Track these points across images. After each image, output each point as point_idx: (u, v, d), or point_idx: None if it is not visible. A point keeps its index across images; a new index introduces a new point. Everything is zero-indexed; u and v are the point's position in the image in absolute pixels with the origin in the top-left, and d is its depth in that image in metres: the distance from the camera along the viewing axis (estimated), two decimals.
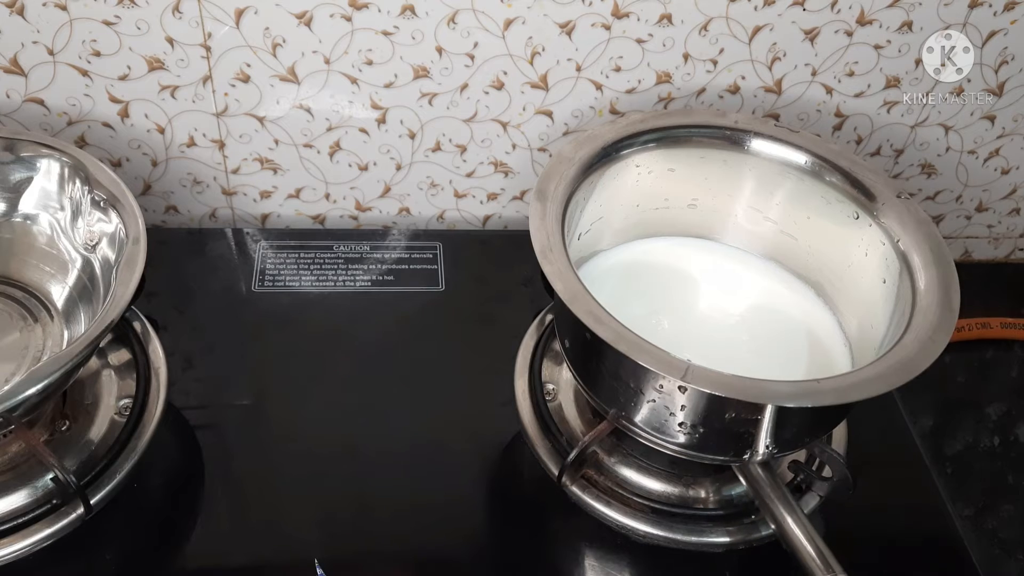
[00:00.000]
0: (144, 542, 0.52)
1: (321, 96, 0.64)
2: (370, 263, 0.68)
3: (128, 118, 0.64)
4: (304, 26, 0.60)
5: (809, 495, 0.53)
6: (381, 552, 0.53)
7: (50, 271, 0.56)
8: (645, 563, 0.54)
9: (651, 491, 0.54)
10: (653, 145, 0.57)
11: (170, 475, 0.55)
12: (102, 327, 0.45)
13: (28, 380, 0.43)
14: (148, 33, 0.59)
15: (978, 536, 0.58)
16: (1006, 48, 0.65)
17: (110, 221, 0.52)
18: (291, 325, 0.64)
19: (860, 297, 0.55)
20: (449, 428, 0.59)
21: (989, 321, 0.71)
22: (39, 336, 0.55)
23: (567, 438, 0.55)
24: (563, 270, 0.46)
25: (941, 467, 0.62)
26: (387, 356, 0.62)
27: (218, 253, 0.68)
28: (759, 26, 0.62)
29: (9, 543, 0.47)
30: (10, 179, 0.54)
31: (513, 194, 0.72)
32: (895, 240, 0.52)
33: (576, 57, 0.63)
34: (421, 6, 0.59)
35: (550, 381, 0.58)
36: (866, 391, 0.43)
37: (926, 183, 0.75)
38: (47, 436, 0.52)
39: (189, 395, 0.58)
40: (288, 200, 0.71)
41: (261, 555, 0.52)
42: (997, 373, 0.71)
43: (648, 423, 0.48)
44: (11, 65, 0.60)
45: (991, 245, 0.81)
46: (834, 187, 0.55)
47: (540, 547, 0.54)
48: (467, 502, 0.55)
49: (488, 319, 0.66)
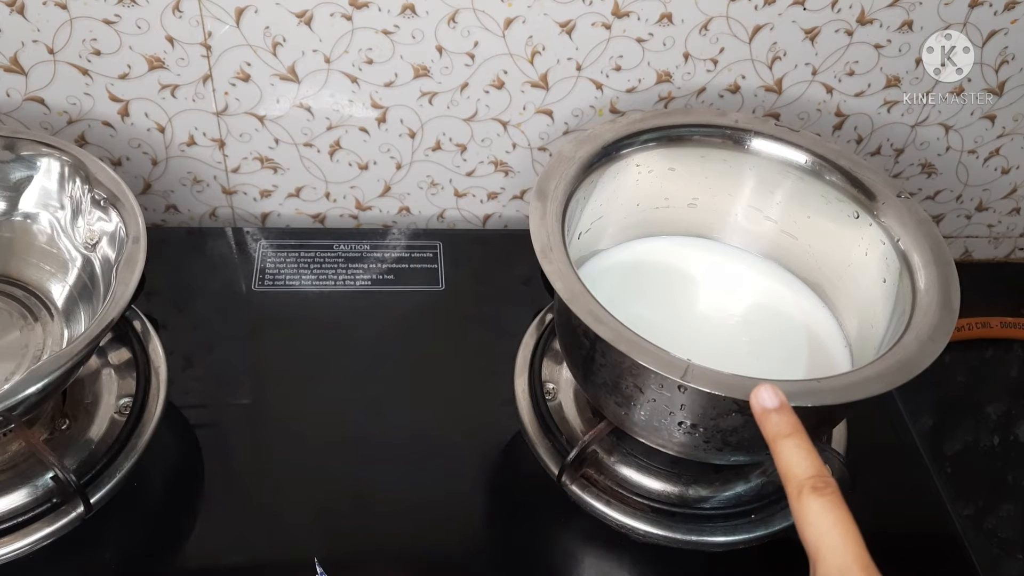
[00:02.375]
0: (144, 541, 0.52)
1: (321, 95, 0.64)
2: (370, 262, 0.68)
3: (128, 117, 0.64)
4: (304, 25, 0.60)
5: None
6: (381, 551, 0.53)
7: (50, 270, 0.56)
8: (645, 563, 0.54)
9: (651, 491, 0.54)
10: (653, 144, 0.57)
11: (170, 474, 0.55)
12: (102, 326, 0.45)
13: (28, 379, 0.43)
14: (148, 32, 0.59)
15: (978, 535, 0.58)
16: (1006, 48, 0.65)
17: (110, 220, 0.52)
18: (291, 324, 0.64)
19: (860, 296, 0.55)
20: (449, 427, 0.59)
21: (989, 321, 0.71)
22: (39, 335, 0.55)
23: (567, 437, 0.55)
24: (563, 269, 0.46)
25: (941, 467, 0.62)
26: (387, 355, 0.62)
27: (218, 252, 0.68)
28: (759, 25, 0.62)
29: (9, 542, 0.47)
30: (10, 178, 0.54)
31: (513, 193, 0.72)
32: (895, 239, 0.52)
33: (576, 56, 0.63)
34: (421, 5, 0.59)
35: (550, 380, 0.58)
36: (866, 391, 0.43)
37: (926, 183, 0.75)
38: (47, 435, 0.52)
39: (189, 394, 0.58)
40: (288, 199, 0.71)
41: (261, 554, 0.52)
42: (997, 373, 0.71)
43: (648, 422, 0.48)
44: (11, 64, 0.60)
45: (991, 245, 0.81)
46: (834, 186, 0.55)
47: (540, 547, 0.54)
48: (467, 501, 0.55)
49: (488, 318, 0.66)
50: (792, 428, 0.38)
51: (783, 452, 0.37)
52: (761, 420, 0.38)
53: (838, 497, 0.35)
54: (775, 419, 0.38)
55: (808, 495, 0.35)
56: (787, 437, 0.37)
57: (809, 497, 0.35)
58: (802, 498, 0.35)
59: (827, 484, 0.35)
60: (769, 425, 0.38)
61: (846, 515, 0.35)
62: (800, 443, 0.37)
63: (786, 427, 0.38)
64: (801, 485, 0.35)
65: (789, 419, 0.38)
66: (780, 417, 0.38)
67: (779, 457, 0.37)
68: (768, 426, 0.38)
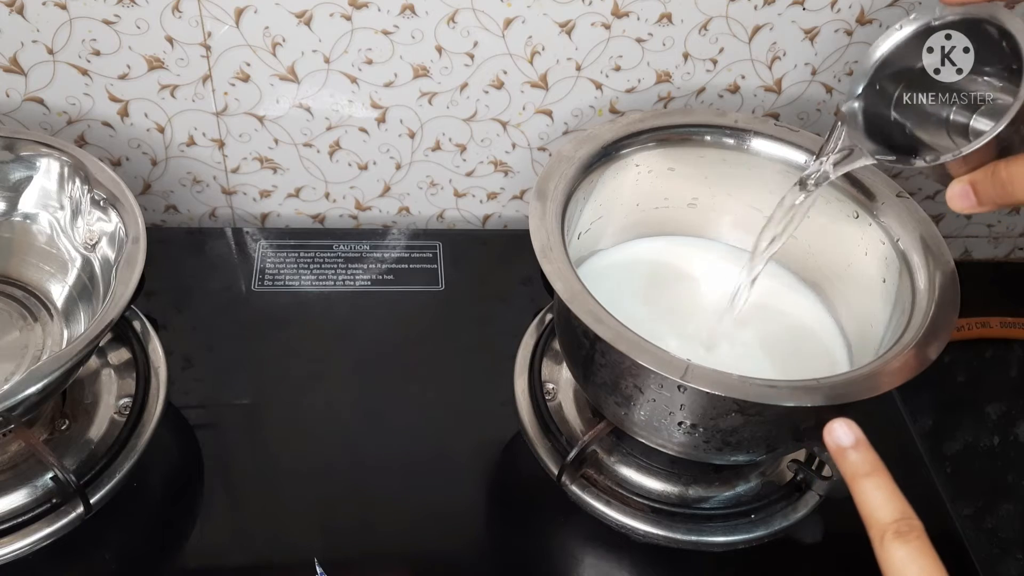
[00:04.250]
0: (144, 541, 0.52)
1: (321, 95, 0.64)
2: (370, 262, 0.68)
3: (128, 117, 0.64)
4: (304, 25, 0.60)
5: (809, 495, 0.53)
6: (381, 551, 0.53)
7: (50, 270, 0.56)
8: (645, 563, 0.54)
9: (651, 491, 0.54)
10: (653, 144, 0.57)
11: (170, 475, 0.55)
12: (102, 326, 0.45)
13: (28, 379, 0.43)
14: (148, 32, 0.59)
15: (978, 535, 0.58)
16: None
17: (110, 220, 0.52)
18: (291, 324, 0.64)
19: (860, 296, 0.55)
20: (449, 427, 0.59)
21: (989, 320, 0.71)
22: (39, 335, 0.55)
23: (567, 437, 0.55)
24: (563, 269, 0.46)
25: (941, 466, 0.62)
26: (387, 355, 0.62)
27: (218, 252, 0.68)
28: (759, 25, 0.62)
29: (9, 542, 0.47)
30: (10, 178, 0.54)
31: (513, 193, 0.72)
32: (895, 239, 0.52)
33: (576, 56, 0.63)
34: (421, 5, 0.59)
35: (550, 380, 0.58)
36: (866, 391, 0.43)
37: (926, 182, 0.74)
38: (47, 435, 0.52)
39: (189, 394, 0.59)
40: (288, 199, 0.71)
41: (261, 554, 0.52)
42: (997, 372, 0.71)
43: (648, 422, 0.48)
44: (11, 64, 0.60)
45: (991, 244, 0.81)
46: (834, 186, 0.55)
47: (540, 546, 0.54)
48: (467, 501, 0.55)
49: (488, 318, 0.66)
50: (872, 466, 0.35)
51: (864, 493, 0.34)
52: (837, 458, 0.36)
53: (925, 542, 0.33)
54: (853, 457, 0.35)
55: (892, 541, 0.33)
56: (867, 476, 0.35)
57: (893, 544, 0.33)
58: (885, 544, 0.33)
59: (912, 528, 0.33)
60: (846, 464, 0.35)
61: (934, 563, 0.33)
62: (882, 483, 0.34)
63: (865, 465, 0.35)
64: (884, 530, 0.33)
65: (868, 456, 0.35)
66: (858, 455, 0.35)
67: (859, 499, 0.35)
68: (845, 465, 0.35)
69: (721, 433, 0.46)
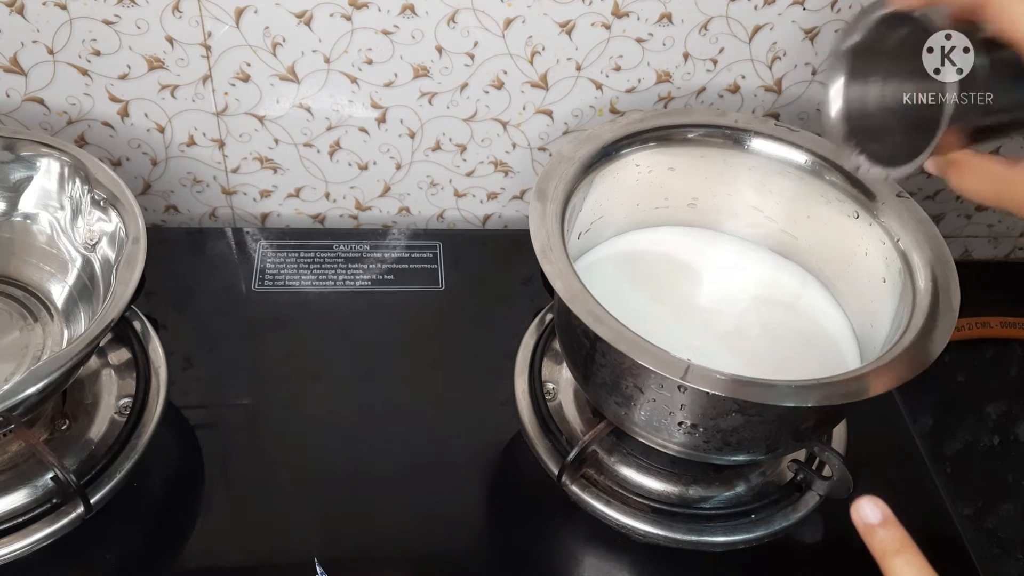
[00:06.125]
0: (144, 541, 0.52)
1: (321, 95, 0.64)
2: (370, 262, 0.68)
3: (128, 117, 0.64)
4: (304, 25, 0.60)
5: (809, 495, 0.53)
6: (381, 551, 0.53)
7: (50, 270, 0.56)
8: (645, 563, 0.54)
9: (651, 491, 0.54)
10: (653, 144, 0.57)
11: (170, 474, 0.55)
12: (102, 326, 0.45)
13: (28, 379, 0.43)
14: (148, 32, 0.59)
15: (978, 535, 0.58)
16: None
17: (110, 220, 0.52)
18: (291, 324, 0.64)
19: (861, 296, 0.55)
20: (449, 427, 0.59)
21: (989, 320, 0.71)
22: (39, 335, 0.55)
23: (567, 437, 0.55)
24: (563, 269, 0.46)
25: (941, 466, 0.62)
26: (387, 355, 0.62)
27: (218, 252, 0.68)
28: (759, 25, 0.62)
29: (9, 542, 0.47)
30: (10, 178, 0.54)
31: (513, 193, 0.72)
32: (895, 239, 0.52)
33: (576, 56, 0.63)
34: (421, 5, 0.59)
35: (550, 380, 0.58)
36: (866, 391, 0.43)
37: (926, 182, 0.74)
38: (47, 435, 0.52)
39: (189, 394, 0.59)
40: (288, 199, 0.71)
41: (261, 554, 0.52)
42: (997, 372, 0.71)
43: (648, 422, 0.48)
44: (11, 64, 0.60)
45: (991, 244, 0.81)
46: (834, 186, 0.55)
47: (540, 547, 0.54)
48: (467, 501, 0.55)
49: (488, 319, 0.66)
50: (901, 543, 0.35)
51: (894, 571, 0.35)
52: (866, 536, 0.36)
53: None
54: (882, 535, 0.36)
55: None
56: (897, 554, 0.35)
57: None
58: None
59: None
60: (876, 542, 0.36)
61: None
62: (912, 559, 0.35)
63: (895, 542, 0.35)
64: None
65: (896, 533, 0.36)
66: (887, 532, 0.36)
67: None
68: (875, 543, 0.36)
69: (721, 433, 0.46)
